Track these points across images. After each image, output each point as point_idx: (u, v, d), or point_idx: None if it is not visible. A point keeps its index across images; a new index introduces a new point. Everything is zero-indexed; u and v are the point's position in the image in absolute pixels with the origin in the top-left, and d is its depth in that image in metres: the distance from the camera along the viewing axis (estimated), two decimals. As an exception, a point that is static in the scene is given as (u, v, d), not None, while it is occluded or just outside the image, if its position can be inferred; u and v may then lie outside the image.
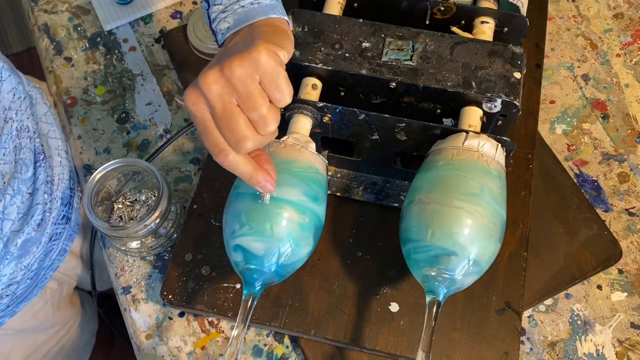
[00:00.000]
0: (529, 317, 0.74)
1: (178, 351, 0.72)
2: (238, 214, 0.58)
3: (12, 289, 0.76)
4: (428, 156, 0.63)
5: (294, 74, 0.66)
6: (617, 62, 0.90)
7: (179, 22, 0.94)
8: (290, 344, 0.73)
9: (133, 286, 0.76)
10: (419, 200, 0.59)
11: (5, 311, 0.78)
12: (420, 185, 0.60)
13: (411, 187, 0.62)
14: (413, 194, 0.61)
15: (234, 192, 0.61)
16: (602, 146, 0.84)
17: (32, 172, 0.74)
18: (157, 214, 0.68)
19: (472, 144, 0.59)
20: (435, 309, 0.57)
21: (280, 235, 0.57)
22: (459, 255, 0.56)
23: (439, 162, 0.60)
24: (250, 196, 0.58)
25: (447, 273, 0.57)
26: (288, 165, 0.59)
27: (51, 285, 0.88)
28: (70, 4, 0.96)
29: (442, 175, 0.59)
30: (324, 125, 0.66)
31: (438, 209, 0.57)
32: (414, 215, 0.59)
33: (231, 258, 0.60)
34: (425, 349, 0.56)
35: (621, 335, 0.73)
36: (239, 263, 0.59)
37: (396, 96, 0.65)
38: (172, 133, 0.85)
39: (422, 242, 0.58)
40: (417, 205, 0.59)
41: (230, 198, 0.61)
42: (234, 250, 0.59)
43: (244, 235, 0.58)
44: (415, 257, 0.59)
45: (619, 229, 0.78)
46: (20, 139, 0.73)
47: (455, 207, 0.56)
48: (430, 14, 0.70)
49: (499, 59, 0.64)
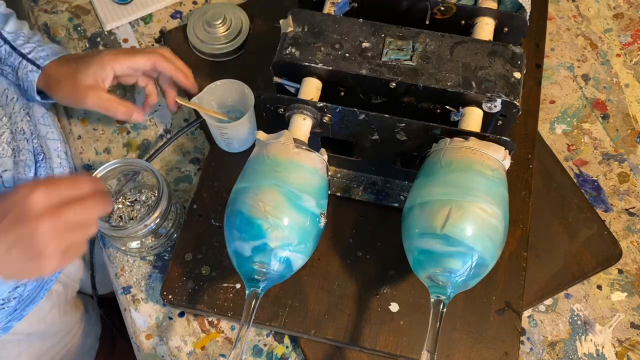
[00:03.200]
0: (529, 317, 0.74)
1: (178, 351, 0.72)
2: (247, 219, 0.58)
3: (19, 291, 0.76)
4: (429, 156, 0.63)
5: (294, 74, 0.66)
6: (617, 62, 0.90)
7: (179, 22, 0.94)
8: (290, 344, 0.73)
9: (133, 286, 0.76)
10: (422, 200, 0.59)
11: (13, 314, 0.78)
12: (423, 186, 0.60)
13: (413, 188, 0.62)
14: (415, 194, 0.60)
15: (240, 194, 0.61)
16: (602, 146, 0.84)
17: (33, 172, 0.74)
18: (157, 214, 0.68)
19: (473, 144, 0.59)
20: (440, 310, 0.57)
21: (280, 239, 0.57)
22: (465, 254, 0.56)
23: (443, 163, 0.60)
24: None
25: (452, 273, 0.57)
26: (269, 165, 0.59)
27: (56, 288, 0.88)
28: (70, 4, 0.96)
29: (446, 175, 0.58)
30: (324, 125, 0.66)
31: (442, 208, 0.57)
32: (418, 215, 0.59)
33: (235, 258, 0.60)
34: (430, 349, 0.56)
35: (621, 335, 0.73)
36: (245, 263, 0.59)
37: (396, 96, 0.65)
38: (172, 133, 0.85)
39: (428, 240, 0.57)
40: (420, 205, 0.59)
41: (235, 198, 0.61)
42: (252, 251, 0.59)
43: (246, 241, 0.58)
44: (420, 257, 0.59)
45: (619, 229, 0.78)
46: (17, 141, 0.73)
47: (461, 205, 0.56)
48: (430, 14, 0.70)
49: (499, 59, 0.64)
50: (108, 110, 0.72)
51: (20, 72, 0.74)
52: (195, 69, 0.88)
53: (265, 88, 0.81)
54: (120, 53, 0.71)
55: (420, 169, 0.63)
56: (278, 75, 0.66)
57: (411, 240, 0.60)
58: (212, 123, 0.74)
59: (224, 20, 0.88)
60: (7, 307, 0.76)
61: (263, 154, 0.61)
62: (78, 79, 0.71)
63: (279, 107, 0.64)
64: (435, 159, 0.61)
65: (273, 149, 0.61)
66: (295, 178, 0.59)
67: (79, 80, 0.71)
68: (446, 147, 0.60)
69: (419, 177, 0.62)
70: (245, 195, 0.59)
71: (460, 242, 0.56)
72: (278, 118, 0.65)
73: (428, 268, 0.58)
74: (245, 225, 0.58)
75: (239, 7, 0.91)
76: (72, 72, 0.71)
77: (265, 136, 0.63)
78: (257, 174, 0.60)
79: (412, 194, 0.62)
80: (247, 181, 0.60)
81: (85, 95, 0.70)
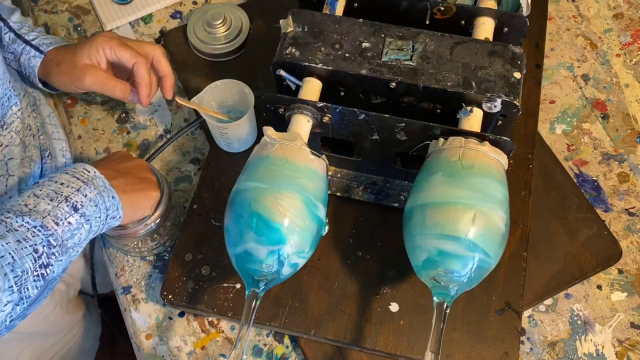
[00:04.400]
0: (529, 317, 0.74)
1: (178, 351, 0.72)
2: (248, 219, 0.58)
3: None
4: (430, 156, 0.63)
5: (294, 74, 0.66)
6: (617, 62, 0.90)
7: (179, 22, 0.94)
8: (290, 344, 0.73)
9: (133, 286, 0.76)
10: (424, 201, 0.59)
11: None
12: (424, 187, 0.60)
13: (413, 188, 0.62)
14: (417, 195, 0.60)
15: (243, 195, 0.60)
16: (602, 146, 0.84)
17: (39, 168, 0.75)
18: (157, 214, 0.68)
19: (488, 150, 0.59)
20: (443, 311, 0.57)
21: (280, 239, 0.57)
22: (467, 255, 0.56)
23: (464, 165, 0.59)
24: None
25: (459, 274, 0.57)
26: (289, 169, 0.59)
27: (59, 287, 0.88)
28: (70, 4, 0.96)
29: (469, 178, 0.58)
30: (324, 125, 0.66)
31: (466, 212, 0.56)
32: (421, 216, 0.59)
33: (235, 260, 0.60)
34: (434, 350, 0.56)
35: (621, 335, 0.73)
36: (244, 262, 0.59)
37: (396, 96, 0.65)
38: (172, 133, 0.85)
39: (430, 241, 0.57)
40: (422, 206, 0.59)
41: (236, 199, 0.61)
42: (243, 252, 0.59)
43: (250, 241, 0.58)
44: (437, 259, 0.58)
45: (619, 229, 0.78)
46: (24, 137, 0.74)
47: (465, 205, 0.56)
48: (430, 14, 0.70)
49: (499, 59, 0.64)
50: (106, 88, 0.73)
51: (22, 58, 0.76)
52: (195, 69, 0.88)
53: (265, 88, 0.81)
54: (115, 39, 0.72)
55: (429, 164, 0.62)
56: (281, 68, 0.66)
57: (425, 239, 0.58)
58: (212, 123, 0.74)
59: (224, 20, 0.88)
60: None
61: (279, 155, 0.60)
62: (76, 59, 0.72)
63: (279, 107, 0.64)
64: (435, 160, 0.61)
65: (289, 151, 0.60)
66: (312, 186, 0.59)
67: (77, 60, 0.72)
68: (464, 147, 0.59)
69: (418, 178, 0.62)
70: (263, 197, 0.58)
71: (478, 246, 0.56)
72: (278, 118, 0.65)
73: (430, 270, 0.58)
74: (265, 229, 0.57)
75: (239, 7, 0.91)
76: (71, 54, 0.73)
77: (276, 134, 0.61)
78: (275, 176, 0.59)
79: (410, 196, 0.61)
80: (264, 182, 0.58)
81: (83, 74, 0.72)
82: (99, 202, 0.59)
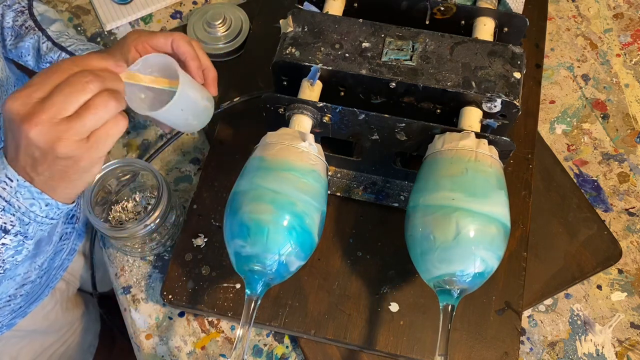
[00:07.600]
0: (529, 317, 0.74)
1: (178, 351, 0.72)
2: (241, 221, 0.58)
3: (26, 289, 0.76)
4: (430, 156, 0.63)
5: (294, 74, 0.66)
6: (617, 62, 0.90)
7: (179, 22, 0.94)
8: (290, 344, 0.73)
9: (133, 286, 0.76)
10: (424, 204, 0.59)
11: (17, 312, 0.79)
12: (424, 189, 0.60)
13: (414, 189, 0.61)
14: (417, 197, 0.60)
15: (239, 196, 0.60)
16: (602, 146, 0.84)
17: None
18: (157, 214, 0.68)
19: (472, 144, 0.59)
20: (450, 313, 0.57)
21: (280, 240, 0.57)
22: (469, 258, 0.56)
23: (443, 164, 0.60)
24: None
25: (459, 277, 0.57)
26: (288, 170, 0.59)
27: (60, 285, 0.88)
28: (70, 4, 0.96)
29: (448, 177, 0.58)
30: (324, 125, 0.66)
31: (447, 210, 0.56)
32: (422, 220, 0.58)
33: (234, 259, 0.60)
34: (442, 353, 0.56)
35: (621, 335, 0.73)
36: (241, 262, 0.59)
37: (396, 96, 0.65)
38: (172, 133, 0.85)
39: (434, 245, 0.57)
40: (423, 209, 0.59)
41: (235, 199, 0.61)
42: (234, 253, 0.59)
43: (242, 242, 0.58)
44: (427, 263, 0.58)
45: (618, 229, 0.78)
46: None
47: (466, 208, 0.56)
48: (430, 14, 0.70)
49: (498, 59, 0.64)
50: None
51: None
52: (195, 69, 0.88)
53: (265, 88, 0.81)
54: (143, 33, 0.68)
55: (420, 169, 0.63)
56: (281, 68, 0.65)
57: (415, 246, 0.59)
58: (149, 115, 0.60)
59: (224, 20, 0.88)
60: (13, 303, 0.76)
61: (278, 156, 0.60)
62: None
63: (279, 107, 0.64)
64: (435, 160, 0.61)
65: (288, 152, 0.60)
66: (312, 187, 0.59)
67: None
68: (448, 148, 0.60)
69: (418, 178, 0.62)
70: (262, 198, 0.58)
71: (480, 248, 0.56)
72: (278, 118, 0.65)
73: (435, 274, 0.58)
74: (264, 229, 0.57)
75: (239, 7, 0.91)
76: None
77: (276, 134, 0.61)
78: (275, 177, 0.58)
79: (411, 197, 0.61)
80: (263, 183, 0.58)
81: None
82: (30, 217, 0.54)
